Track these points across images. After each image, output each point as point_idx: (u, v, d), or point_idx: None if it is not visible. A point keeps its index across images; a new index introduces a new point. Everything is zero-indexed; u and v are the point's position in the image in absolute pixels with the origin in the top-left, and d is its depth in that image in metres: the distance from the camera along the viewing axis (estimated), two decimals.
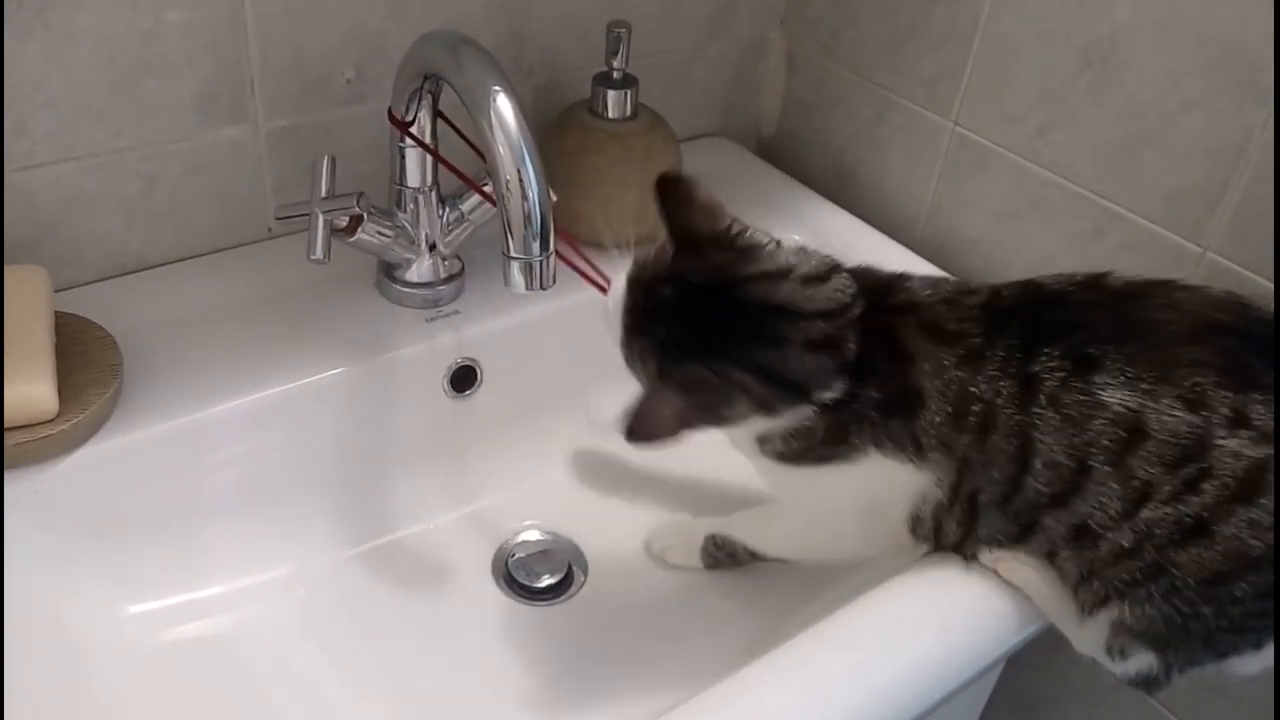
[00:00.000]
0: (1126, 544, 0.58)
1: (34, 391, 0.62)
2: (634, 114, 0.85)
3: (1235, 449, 0.54)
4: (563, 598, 0.77)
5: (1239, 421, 0.55)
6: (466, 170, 0.77)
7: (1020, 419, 0.58)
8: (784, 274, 0.60)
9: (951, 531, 0.64)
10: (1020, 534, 0.61)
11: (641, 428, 0.58)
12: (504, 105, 0.61)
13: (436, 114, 0.73)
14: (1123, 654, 0.61)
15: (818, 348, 0.59)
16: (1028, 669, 0.98)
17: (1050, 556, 0.62)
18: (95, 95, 0.72)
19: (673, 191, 0.62)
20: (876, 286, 0.62)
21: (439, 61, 0.67)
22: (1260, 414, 0.55)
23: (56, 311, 0.68)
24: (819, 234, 0.95)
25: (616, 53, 0.83)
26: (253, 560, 0.73)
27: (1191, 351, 0.56)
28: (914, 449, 0.60)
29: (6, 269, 0.69)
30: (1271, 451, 0.54)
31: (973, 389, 0.58)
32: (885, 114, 0.98)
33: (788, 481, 0.67)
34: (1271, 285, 0.74)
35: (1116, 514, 0.58)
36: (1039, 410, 0.57)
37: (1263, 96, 0.71)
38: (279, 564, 0.74)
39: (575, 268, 0.71)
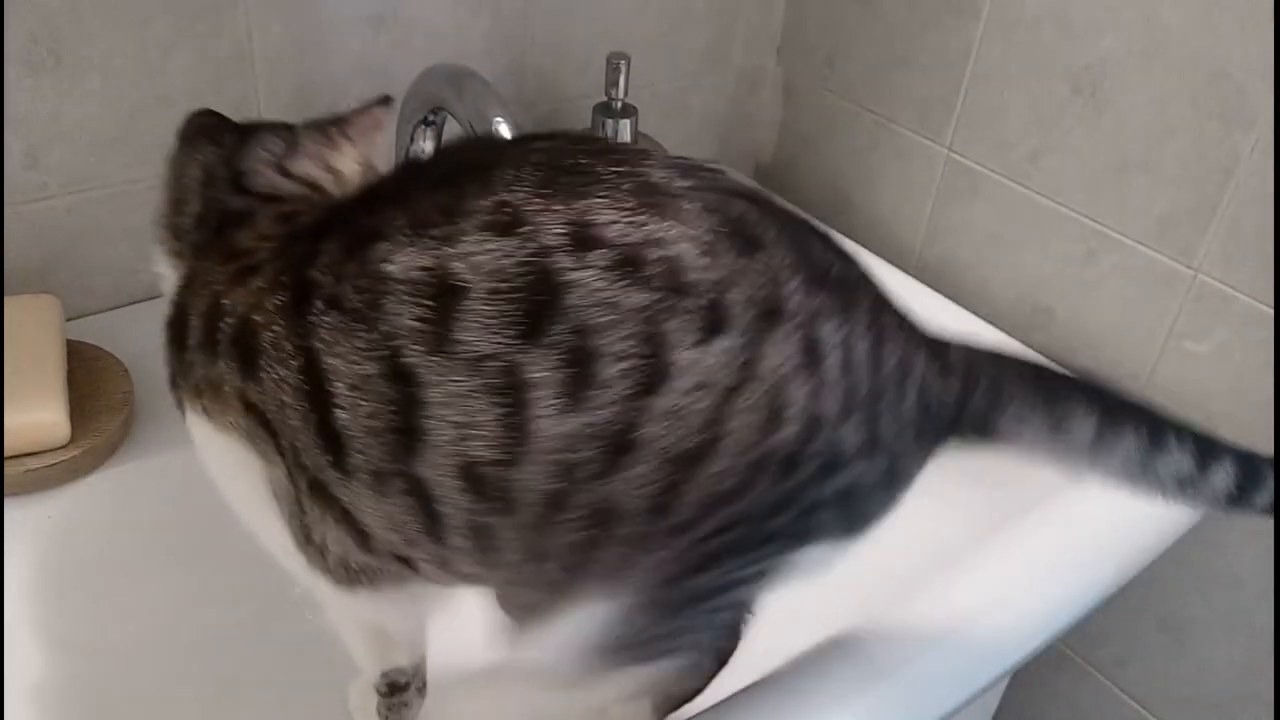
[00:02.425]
0: (541, 486, 0.41)
1: (46, 418, 0.63)
2: (633, 143, 0.87)
3: (603, 293, 0.40)
4: None
5: (582, 241, 0.40)
6: None
7: (296, 337, 0.43)
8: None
9: (329, 541, 0.47)
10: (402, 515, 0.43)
11: None
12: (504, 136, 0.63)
13: (440, 144, 0.74)
14: None
15: None
16: (1033, 689, 0.99)
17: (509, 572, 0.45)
18: (106, 128, 0.73)
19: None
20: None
21: (442, 94, 0.69)
22: (602, 223, 0.40)
23: (69, 340, 0.70)
24: None
25: (616, 83, 0.85)
26: (263, 584, 0.74)
27: (493, 179, 0.42)
28: (191, 392, 0.48)
29: (20, 298, 0.70)
30: (646, 295, 0.40)
31: (225, 301, 0.46)
32: (881, 141, 0.99)
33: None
34: (1265, 308, 0.75)
35: (494, 437, 0.40)
36: (316, 318, 0.42)
37: (1248, 122, 0.73)
38: (288, 587, 0.74)
39: None
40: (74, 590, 0.66)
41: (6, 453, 0.62)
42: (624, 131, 0.85)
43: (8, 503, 0.63)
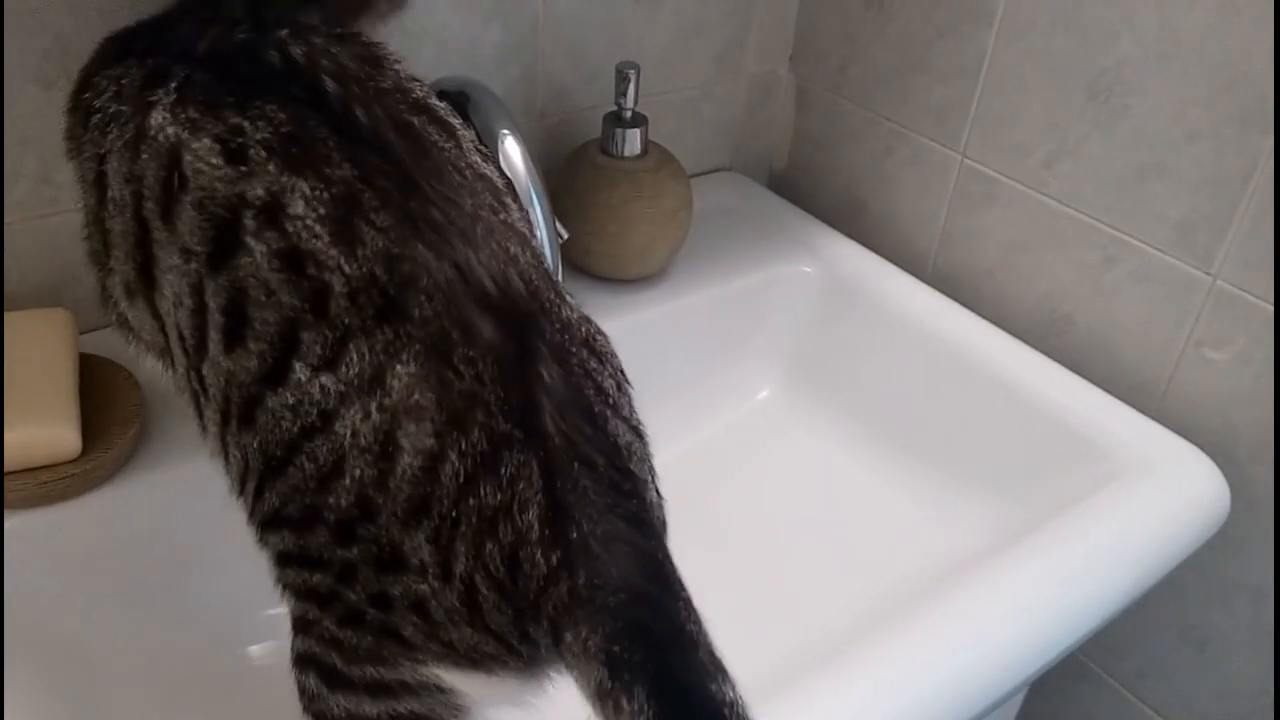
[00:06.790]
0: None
1: (58, 431, 0.63)
2: (644, 151, 0.87)
3: (264, 273, 0.42)
4: None
5: (270, 215, 0.43)
6: None
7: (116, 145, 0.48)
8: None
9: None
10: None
11: None
12: (511, 148, 0.63)
13: None
14: None
15: None
16: (1053, 700, 0.98)
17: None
18: None
19: None
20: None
21: (451, 106, 0.68)
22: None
23: (81, 353, 0.70)
24: (831, 267, 0.96)
25: (625, 93, 0.84)
26: (272, 596, 0.74)
27: (253, 102, 0.45)
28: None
29: (33, 312, 0.70)
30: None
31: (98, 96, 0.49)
32: (894, 147, 0.98)
33: None
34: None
35: (189, 327, 0.47)
36: (115, 132, 0.48)
37: (1267, 126, 0.72)
38: None
39: None
40: (85, 601, 0.66)
41: (19, 466, 0.63)
42: (634, 141, 0.85)
43: (20, 515, 0.63)
